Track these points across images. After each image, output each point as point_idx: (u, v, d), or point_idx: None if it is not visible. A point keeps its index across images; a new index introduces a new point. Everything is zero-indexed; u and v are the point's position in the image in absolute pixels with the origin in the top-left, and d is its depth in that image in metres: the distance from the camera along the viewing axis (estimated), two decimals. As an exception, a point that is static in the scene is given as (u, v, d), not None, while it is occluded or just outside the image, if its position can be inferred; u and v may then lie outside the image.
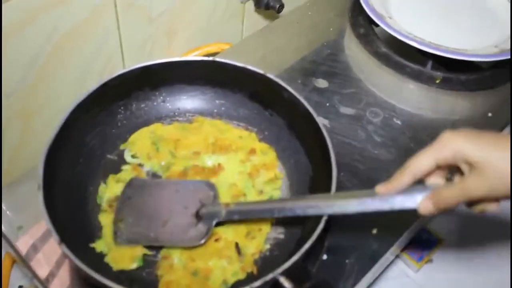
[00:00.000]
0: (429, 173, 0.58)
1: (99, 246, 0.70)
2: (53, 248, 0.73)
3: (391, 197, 0.60)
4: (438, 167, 0.57)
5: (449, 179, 0.59)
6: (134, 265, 0.69)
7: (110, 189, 0.76)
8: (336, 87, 0.97)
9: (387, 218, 0.78)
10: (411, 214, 0.79)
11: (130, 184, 0.76)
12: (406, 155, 0.85)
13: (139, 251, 0.70)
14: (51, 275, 0.71)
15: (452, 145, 0.55)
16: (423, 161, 0.57)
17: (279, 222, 0.74)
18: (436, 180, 0.59)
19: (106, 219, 0.73)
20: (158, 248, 0.71)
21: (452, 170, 0.58)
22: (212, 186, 0.75)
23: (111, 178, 0.77)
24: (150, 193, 0.75)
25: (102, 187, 0.76)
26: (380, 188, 0.60)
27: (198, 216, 0.72)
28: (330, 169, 0.69)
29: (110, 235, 0.71)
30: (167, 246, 0.71)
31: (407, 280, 0.97)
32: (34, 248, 0.73)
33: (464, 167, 0.55)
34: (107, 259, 0.69)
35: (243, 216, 0.70)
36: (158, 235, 0.71)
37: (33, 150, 0.92)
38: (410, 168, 0.58)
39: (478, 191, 0.54)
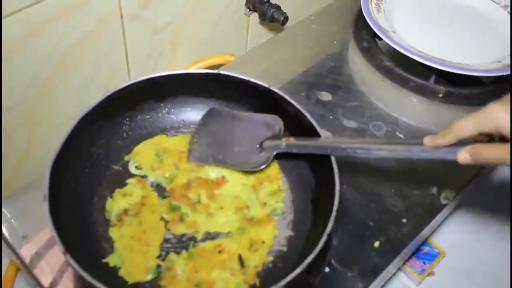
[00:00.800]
0: (471, 137, 0.61)
1: (112, 260, 0.70)
2: (57, 256, 0.73)
3: (435, 149, 0.63)
4: (480, 133, 0.60)
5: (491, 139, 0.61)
6: (148, 277, 0.69)
7: (117, 203, 0.76)
8: (340, 100, 0.98)
9: (390, 230, 0.79)
10: (413, 226, 0.80)
11: (209, 112, 0.84)
12: (408, 169, 0.87)
13: (153, 262, 0.70)
14: (54, 283, 0.71)
15: (496, 119, 0.57)
16: (466, 128, 0.59)
17: (282, 234, 0.75)
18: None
19: (116, 233, 0.73)
20: (164, 259, 0.71)
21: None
22: (279, 121, 0.80)
23: (117, 193, 0.77)
24: (225, 122, 0.83)
25: (109, 201, 0.76)
26: (427, 140, 0.64)
27: (262, 146, 0.79)
28: (333, 182, 0.69)
29: (123, 249, 0.71)
30: (232, 168, 0.79)
31: (409, 293, 0.97)
32: (38, 255, 0.74)
33: (507, 136, 0.57)
34: (121, 273, 0.69)
35: (300, 150, 0.75)
36: (226, 157, 0.80)
37: (38, 159, 0.93)
38: (453, 131, 0.61)
39: None
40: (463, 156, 0.60)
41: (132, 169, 0.80)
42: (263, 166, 0.77)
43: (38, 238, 0.75)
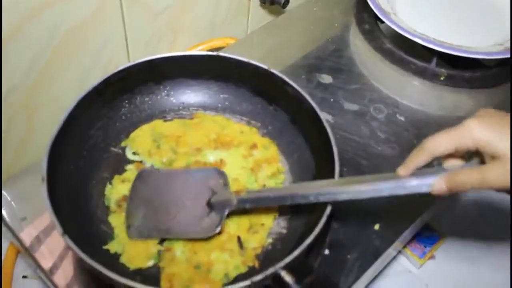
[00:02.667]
0: (446, 155, 0.59)
1: (112, 247, 0.70)
2: (57, 240, 0.73)
3: (406, 180, 0.59)
4: (456, 150, 0.57)
5: (465, 158, 0.59)
6: (150, 263, 0.69)
7: (117, 190, 0.76)
8: (341, 83, 0.97)
9: (390, 213, 0.79)
10: (413, 210, 0.80)
11: (139, 176, 0.76)
12: (410, 152, 0.86)
13: (154, 248, 0.70)
14: (55, 266, 0.71)
15: (475, 135, 0.55)
16: (442, 144, 0.57)
17: (281, 216, 0.74)
18: (453, 161, 0.60)
19: (116, 220, 0.73)
20: (163, 241, 0.71)
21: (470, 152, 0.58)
22: (222, 173, 0.75)
23: (117, 179, 0.77)
24: (159, 184, 0.75)
25: (108, 188, 0.76)
26: (401, 169, 0.60)
27: (209, 205, 0.72)
28: (333, 165, 0.69)
29: (123, 235, 0.71)
30: (180, 238, 0.71)
31: (410, 276, 0.97)
32: (38, 240, 0.74)
33: (485, 156, 0.55)
34: (122, 260, 0.69)
35: (255, 204, 0.70)
36: (171, 227, 0.71)
37: (38, 143, 0.93)
38: (428, 148, 0.58)
39: (497, 181, 0.53)
40: (439, 186, 0.57)
41: (130, 155, 0.80)
42: (218, 229, 0.69)
43: (38, 222, 0.75)
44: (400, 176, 0.60)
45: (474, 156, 0.58)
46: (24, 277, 0.89)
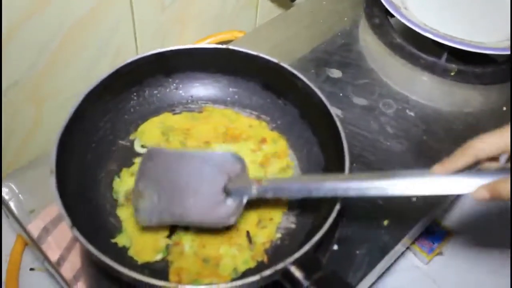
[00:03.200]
0: (492, 158, 0.56)
1: (120, 241, 0.70)
2: (64, 233, 0.73)
3: (445, 178, 0.56)
4: (502, 154, 0.54)
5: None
6: (158, 256, 0.69)
7: (125, 183, 0.75)
8: (350, 77, 0.96)
9: (399, 209, 0.79)
10: (423, 206, 0.80)
11: (148, 156, 0.71)
12: (419, 147, 0.86)
13: (163, 241, 0.70)
14: (62, 258, 0.71)
15: None
16: (490, 145, 0.54)
17: (290, 211, 0.74)
18: (488, 164, 0.57)
19: (125, 213, 0.72)
20: (171, 235, 0.71)
21: None
22: (239, 159, 0.69)
23: (125, 172, 0.76)
24: (171, 166, 0.69)
25: (116, 181, 0.75)
26: (437, 168, 0.57)
27: (226, 191, 0.67)
28: (343, 160, 0.69)
29: (131, 229, 0.71)
30: (194, 225, 0.68)
31: (417, 272, 0.97)
32: (46, 231, 0.74)
33: None
34: (130, 253, 0.69)
35: (277, 194, 0.65)
36: (183, 212, 0.66)
37: (46, 135, 0.93)
38: (473, 149, 0.54)
39: None
40: (481, 194, 0.54)
41: (138, 148, 0.80)
42: (234, 219, 0.65)
43: (45, 214, 0.75)
44: (434, 173, 0.57)
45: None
46: (32, 269, 0.89)
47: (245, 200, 0.66)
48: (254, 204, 0.72)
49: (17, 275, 0.86)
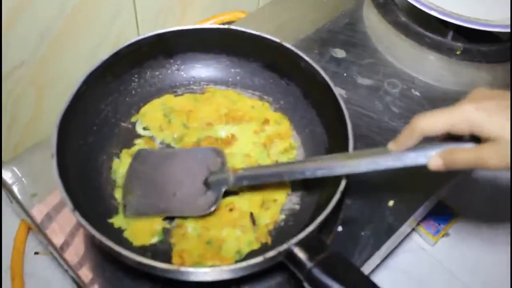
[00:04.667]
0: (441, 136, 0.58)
1: (117, 221, 0.69)
2: (68, 218, 0.73)
3: (403, 154, 0.59)
4: (449, 132, 0.56)
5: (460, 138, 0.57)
6: (154, 240, 0.68)
7: (124, 164, 0.75)
8: (354, 57, 0.95)
9: (404, 190, 0.78)
10: (428, 187, 0.79)
11: (137, 156, 0.75)
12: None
13: (159, 224, 0.69)
14: (66, 244, 0.71)
15: (469, 118, 0.53)
16: (434, 126, 0.55)
17: (294, 192, 0.73)
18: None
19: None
20: (173, 218, 0.70)
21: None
22: (219, 153, 0.74)
23: (125, 153, 0.76)
24: (157, 164, 0.74)
25: (116, 162, 0.75)
26: (392, 145, 0.60)
27: (207, 184, 0.71)
28: (347, 140, 0.68)
29: None
30: (176, 216, 0.70)
31: (423, 254, 0.96)
32: (49, 217, 0.73)
33: (481, 137, 0.54)
34: (126, 234, 0.68)
35: (252, 181, 0.69)
36: (168, 205, 0.70)
37: (48, 119, 0.92)
38: (418, 129, 0.56)
39: (492, 161, 0.53)
40: (435, 162, 0.57)
41: (140, 130, 0.79)
42: (213, 208, 0.69)
43: (49, 199, 0.75)
44: (390, 150, 0.60)
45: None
46: (36, 253, 0.89)
47: (223, 190, 0.70)
48: (258, 186, 0.72)
49: (22, 260, 0.86)
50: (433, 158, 0.57)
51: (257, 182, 0.69)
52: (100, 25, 0.88)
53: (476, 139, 0.55)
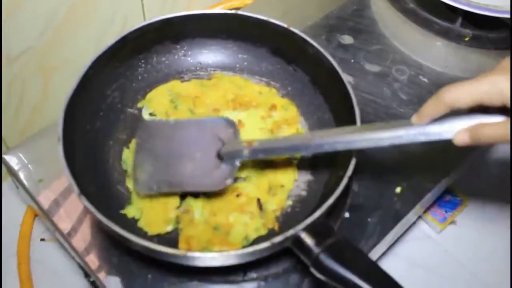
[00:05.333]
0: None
1: (130, 212, 0.69)
2: (75, 204, 0.73)
3: (427, 127, 0.56)
4: (478, 105, 0.52)
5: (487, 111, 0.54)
6: (169, 228, 0.68)
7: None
8: (362, 43, 0.94)
9: (411, 176, 0.77)
10: (436, 173, 0.78)
11: (142, 128, 0.73)
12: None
13: (173, 212, 0.69)
14: (73, 230, 0.71)
15: (504, 90, 0.50)
16: (463, 98, 0.52)
17: (301, 178, 0.73)
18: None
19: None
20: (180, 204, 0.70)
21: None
22: (231, 123, 0.71)
23: (133, 143, 0.75)
24: (165, 136, 0.72)
25: (125, 152, 0.75)
26: (414, 118, 0.57)
27: (219, 156, 0.68)
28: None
29: (141, 200, 0.70)
30: (190, 191, 0.69)
31: (430, 241, 0.96)
32: (56, 203, 0.73)
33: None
34: (140, 224, 0.68)
35: (268, 154, 0.66)
36: (180, 180, 0.68)
37: (55, 104, 0.92)
38: (446, 100, 0.53)
39: None
40: (462, 137, 0.54)
41: (146, 116, 0.79)
42: (229, 181, 0.66)
43: (56, 185, 0.74)
44: (413, 123, 0.57)
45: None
46: (42, 239, 0.89)
47: (238, 163, 0.67)
48: (265, 170, 0.72)
49: (28, 246, 0.86)
50: (460, 134, 0.54)
51: (272, 155, 0.67)
52: (106, 10, 0.88)
53: (504, 111, 0.52)
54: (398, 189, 0.76)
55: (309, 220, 0.59)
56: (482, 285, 0.90)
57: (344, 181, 0.63)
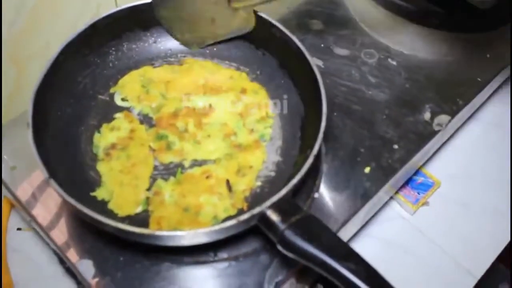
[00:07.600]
0: None
1: (100, 194, 0.70)
2: (53, 198, 0.74)
3: None
4: None
5: None
6: (139, 209, 0.69)
7: (105, 138, 0.75)
8: (331, 28, 0.96)
9: (380, 157, 0.79)
10: (404, 154, 0.80)
11: None
12: (401, 96, 0.86)
13: (143, 194, 0.70)
14: (50, 221, 0.72)
15: None
16: None
17: (270, 159, 0.74)
18: None
19: (104, 168, 0.73)
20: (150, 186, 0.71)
21: None
22: None
23: (105, 127, 0.76)
24: None
25: (96, 136, 0.75)
26: None
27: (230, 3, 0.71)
28: (321, 105, 0.69)
29: (111, 183, 0.71)
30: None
31: (403, 222, 0.97)
32: (34, 196, 0.74)
33: None
34: (110, 206, 0.69)
35: None
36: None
37: (28, 95, 0.92)
38: None
39: None
40: None
41: (118, 101, 0.79)
42: (251, 27, 0.70)
43: (32, 179, 0.75)
44: None
45: None
46: (19, 229, 0.89)
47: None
48: (234, 151, 0.74)
49: (5, 236, 0.86)
50: None
51: None
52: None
53: None
54: (367, 169, 0.78)
55: (275, 198, 0.60)
56: (454, 264, 0.91)
57: (310, 159, 0.64)
